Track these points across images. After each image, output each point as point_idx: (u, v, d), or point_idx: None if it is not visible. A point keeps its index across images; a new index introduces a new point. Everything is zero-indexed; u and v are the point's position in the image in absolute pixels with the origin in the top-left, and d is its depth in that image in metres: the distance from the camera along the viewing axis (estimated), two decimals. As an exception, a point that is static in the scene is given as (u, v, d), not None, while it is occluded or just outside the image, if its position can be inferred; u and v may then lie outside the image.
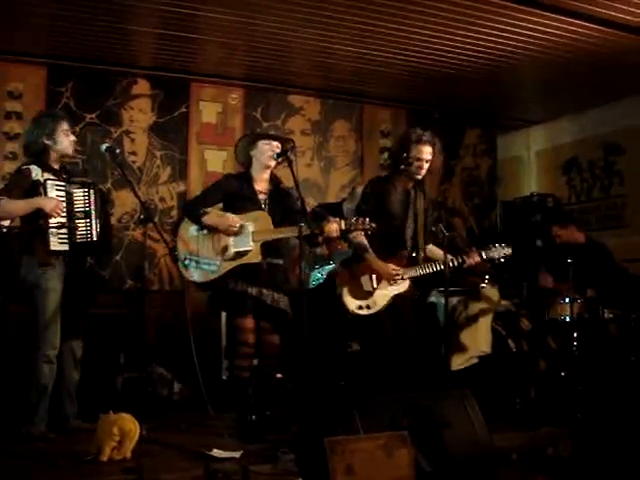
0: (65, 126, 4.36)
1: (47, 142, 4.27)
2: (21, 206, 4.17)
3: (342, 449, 2.88)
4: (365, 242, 4.47)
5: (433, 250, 4.73)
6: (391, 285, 4.51)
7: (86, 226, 4.31)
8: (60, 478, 3.33)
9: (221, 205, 4.45)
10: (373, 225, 4.24)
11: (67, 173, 4.45)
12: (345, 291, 4.50)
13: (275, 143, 4.42)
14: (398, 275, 4.48)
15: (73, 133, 4.48)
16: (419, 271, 4.54)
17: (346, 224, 4.24)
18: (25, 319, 4.31)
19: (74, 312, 4.39)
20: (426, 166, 4.54)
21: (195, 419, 4.73)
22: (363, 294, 4.52)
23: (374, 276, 4.51)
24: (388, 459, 2.95)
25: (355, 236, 4.46)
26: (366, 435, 3.02)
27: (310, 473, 3.13)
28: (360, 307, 4.49)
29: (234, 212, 4.35)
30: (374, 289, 4.51)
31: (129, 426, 3.58)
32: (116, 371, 5.36)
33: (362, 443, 2.95)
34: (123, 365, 5.44)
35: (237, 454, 3.66)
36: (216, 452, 3.65)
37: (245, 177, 4.49)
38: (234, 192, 4.42)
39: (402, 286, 4.53)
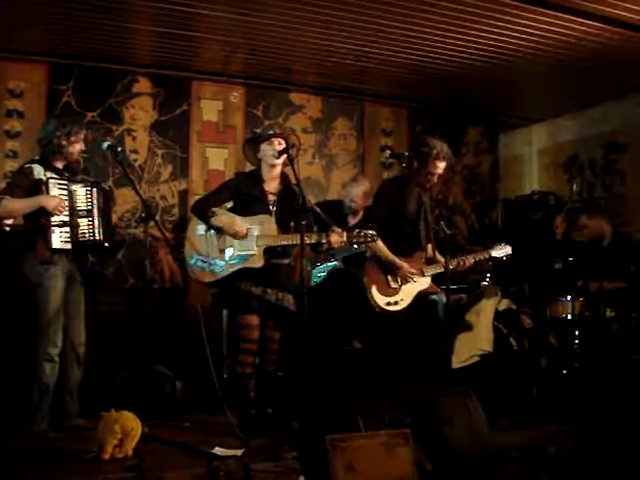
0: (82, 135, 4.43)
1: (63, 142, 4.30)
2: (23, 205, 4.18)
3: (343, 447, 2.88)
4: (384, 248, 4.64)
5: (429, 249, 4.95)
6: (414, 282, 4.75)
7: (88, 224, 4.32)
8: (62, 476, 3.34)
9: (229, 205, 4.48)
10: (375, 235, 4.31)
11: (70, 172, 4.46)
12: (374, 289, 4.69)
13: (276, 141, 4.43)
14: (413, 275, 4.70)
15: (84, 142, 4.52)
16: (439, 268, 4.78)
17: (349, 236, 4.29)
18: (27, 317, 4.32)
19: (76, 310, 4.40)
20: (437, 178, 4.81)
21: (197, 417, 4.73)
22: (390, 291, 4.72)
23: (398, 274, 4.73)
24: (389, 457, 2.95)
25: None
26: (367, 433, 3.02)
27: (312, 470, 3.13)
28: (389, 303, 4.69)
29: (242, 213, 4.39)
30: (400, 286, 4.71)
31: (131, 424, 3.59)
32: (117, 369, 5.37)
33: (363, 441, 2.95)
34: (124, 363, 5.45)
35: (239, 452, 3.66)
36: (218, 450, 3.66)
37: (255, 177, 4.52)
38: (244, 192, 4.46)
39: (424, 283, 4.78)
